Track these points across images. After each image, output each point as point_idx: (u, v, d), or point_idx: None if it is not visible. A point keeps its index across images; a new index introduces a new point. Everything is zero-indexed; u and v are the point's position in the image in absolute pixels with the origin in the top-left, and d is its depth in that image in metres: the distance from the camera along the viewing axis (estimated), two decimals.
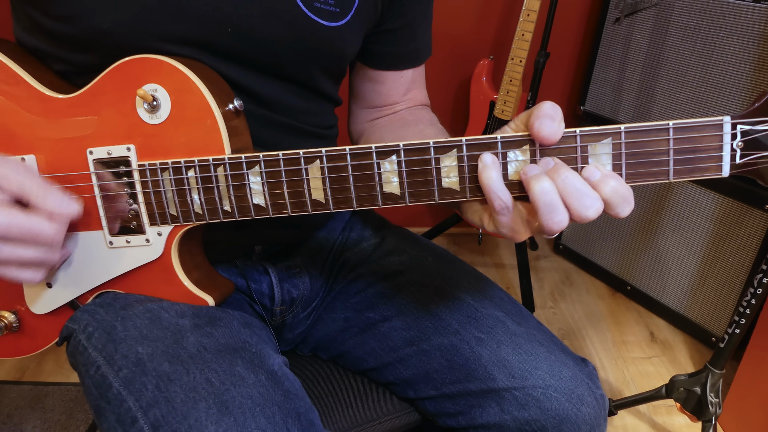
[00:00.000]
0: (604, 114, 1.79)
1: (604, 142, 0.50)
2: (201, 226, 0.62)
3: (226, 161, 0.57)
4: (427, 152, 0.53)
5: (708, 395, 1.19)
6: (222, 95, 0.59)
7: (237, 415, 0.53)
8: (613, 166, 0.50)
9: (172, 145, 0.59)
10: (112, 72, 0.59)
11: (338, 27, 0.66)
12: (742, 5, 1.38)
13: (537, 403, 0.64)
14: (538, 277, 1.99)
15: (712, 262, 1.58)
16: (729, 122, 0.48)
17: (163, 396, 0.54)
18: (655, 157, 0.50)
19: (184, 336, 0.59)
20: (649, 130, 0.49)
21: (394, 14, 0.73)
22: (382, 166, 0.54)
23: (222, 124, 0.58)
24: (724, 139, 0.49)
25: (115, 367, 0.58)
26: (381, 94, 0.81)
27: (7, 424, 1.34)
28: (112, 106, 0.59)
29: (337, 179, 0.55)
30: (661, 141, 0.49)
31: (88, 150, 0.60)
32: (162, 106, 0.58)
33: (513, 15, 1.84)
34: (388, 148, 0.53)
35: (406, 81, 0.81)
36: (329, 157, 0.55)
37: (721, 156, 0.49)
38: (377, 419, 0.74)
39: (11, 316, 0.67)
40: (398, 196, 0.55)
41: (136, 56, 0.58)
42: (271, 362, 0.61)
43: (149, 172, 0.59)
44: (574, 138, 0.50)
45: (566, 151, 0.51)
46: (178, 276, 0.63)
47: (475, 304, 0.72)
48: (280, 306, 0.77)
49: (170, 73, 0.57)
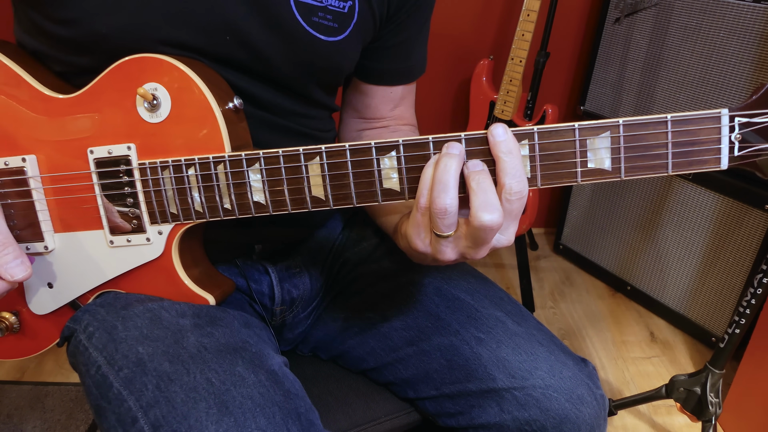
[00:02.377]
0: (604, 114, 1.79)
1: (602, 136, 0.50)
2: (201, 225, 0.62)
3: (226, 159, 0.57)
4: (426, 147, 0.53)
5: (708, 395, 1.19)
6: (222, 94, 0.59)
7: (237, 415, 0.53)
8: (612, 159, 0.50)
9: (172, 143, 0.59)
10: (112, 71, 0.59)
11: (336, 42, 0.66)
12: (742, 5, 1.38)
13: (537, 403, 0.64)
14: (538, 277, 1.99)
15: (712, 262, 1.58)
16: (727, 115, 0.48)
17: (164, 396, 0.54)
18: (654, 150, 0.50)
19: (185, 336, 0.60)
20: (647, 123, 0.49)
21: (390, 32, 0.74)
22: (382, 162, 0.54)
23: (222, 122, 0.58)
24: (723, 132, 0.48)
25: (115, 367, 0.58)
26: (369, 107, 0.82)
27: (7, 424, 1.34)
28: (112, 105, 0.59)
29: (337, 176, 0.55)
30: (659, 134, 0.49)
31: (89, 149, 0.60)
32: (162, 105, 0.58)
33: (513, 15, 1.84)
34: (388, 143, 0.54)
35: (395, 97, 0.81)
36: (329, 154, 0.55)
37: (719, 149, 0.49)
38: (377, 419, 0.74)
39: (12, 317, 0.67)
40: (398, 192, 0.55)
41: (135, 55, 0.58)
42: (272, 362, 0.61)
43: (149, 170, 0.59)
44: (573, 132, 0.50)
45: (565, 145, 0.51)
46: (178, 275, 0.63)
47: (475, 304, 0.72)
48: (281, 306, 0.77)
49: (170, 71, 0.58)
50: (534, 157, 0.51)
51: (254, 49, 0.62)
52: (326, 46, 0.66)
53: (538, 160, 0.51)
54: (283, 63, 0.64)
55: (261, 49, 0.62)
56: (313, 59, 0.66)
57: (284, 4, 0.62)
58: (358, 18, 0.67)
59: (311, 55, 0.65)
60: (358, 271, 0.79)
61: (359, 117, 0.84)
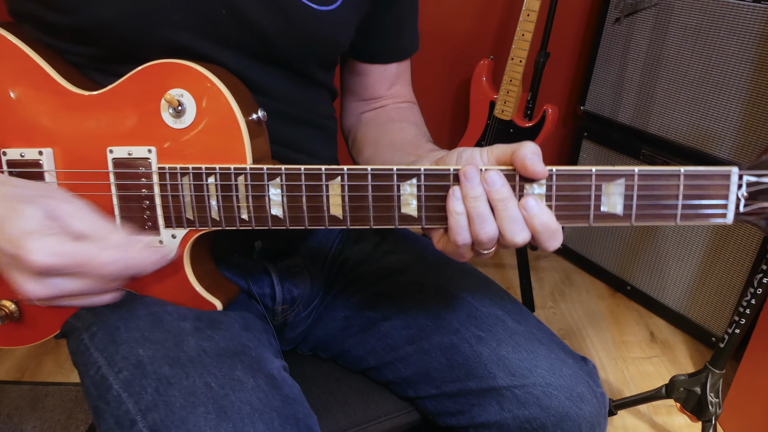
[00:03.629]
0: (604, 114, 1.79)
1: (617, 182, 0.52)
2: (214, 232, 0.62)
3: (247, 171, 0.57)
4: (447, 178, 0.53)
5: (708, 395, 1.19)
6: (247, 105, 0.59)
7: (235, 420, 0.53)
8: (625, 206, 0.52)
9: (193, 150, 0.59)
10: (138, 74, 0.59)
11: (330, 12, 0.66)
12: (742, 5, 1.38)
13: (537, 401, 0.64)
14: (538, 277, 1.99)
15: (712, 262, 1.58)
16: (737, 173, 0.50)
17: (162, 399, 0.54)
18: (665, 200, 0.52)
19: (185, 339, 0.59)
20: (661, 175, 0.51)
21: (383, 9, 0.74)
22: (402, 188, 0.55)
23: (246, 133, 0.58)
24: (731, 189, 0.51)
25: (115, 368, 0.58)
26: (366, 88, 0.83)
27: (7, 424, 1.34)
28: (135, 107, 0.59)
29: (357, 197, 0.56)
30: (671, 186, 0.51)
31: (108, 149, 0.60)
32: (187, 112, 0.58)
33: (513, 15, 1.84)
34: (410, 171, 0.54)
35: (390, 75, 0.83)
36: (350, 176, 0.55)
37: (726, 204, 0.51)
38: (377, 418, 0.74)
39: (12, 306, 0.67)
40: (415, 218, 0.56)
41: (162, 60, 0.58)
42: (271, 366, 0.61)
43: (169, 175, 0.59)
44: (590, 177, 0.52)
45: (581, 188, 0.52)
46: (188, 279, 0.63)
47: (475, 303, 0.72)
48: (282, 305, 0.77)
49: (197, 79, 0.58)
50: (550, 196, 0.53)
51: (250, 23, 0.62)
52: (321, 16, 0.65)
53: (554, 200, 0.53)
54: (279, 37, 0.64)
55: (256, 21, 0.62)
56: (308, 30, 0.66)
57: None
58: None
59: (306, 25, 0.65)
60: (358, 271, 0.79)
61: (359, 99, 0.85)
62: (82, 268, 0.51)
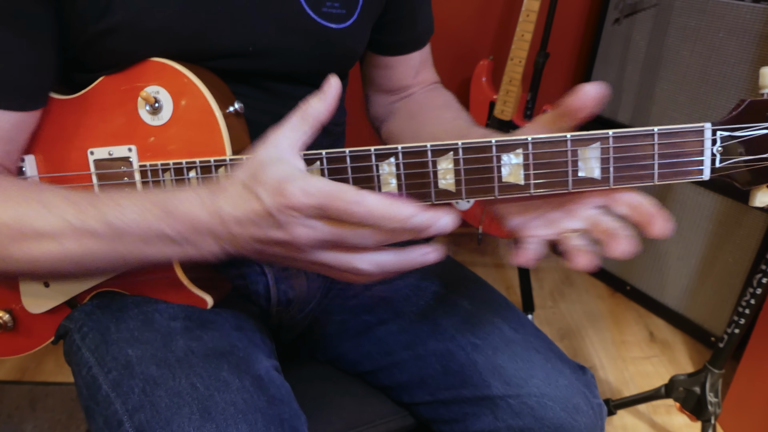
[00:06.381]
0: (603, 114, 1.78)
1: (593, 146, 0.52)
2: None
3: (227, 162, 0.57)
4: (425, 155, 0.54)
5: (707, 395, 1.19)
6: (223, 98, 0.60)
7: (219, 421, 0.53)
8: (602, 169, 0.52)
9: (173, 146, 0.59)
10: (114, 75, 0.59)
11: (347, 28, 0.67)
12: (742, 5, 1.38)
13: (532, 412, 0.63)
14: (538, 277, 1.99)
15: (712, 262, 1.58)
16: (710, 128, 0.50)
17: (149, 400, 0.54)
18: (641, 161, 0.52)
19: (174, 339, 0.60)
20: (635, 135, 0.51)
21: (396, 4, 0.75)
22: (381, 168, 0.55)
23: (223, 125, 0.58)
24: (705, 144, 0.51)
25: (105, 368, 0.58)
26: (392, 80, 0.83)
27: (7, 424, 1.34)
28: (113, 107, 0.60)
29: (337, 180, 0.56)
30: (646, 146, 0.51)
31: (89, 150, 0.60)
32: (164, 108, 0.58)
33: (513, 15, 1.84)
34: (387, 150, 0.54)
35: (415, 63, 0.82)
36: (329, 159, 0.55)
37: (702, 160, 0.51)
38: (371, 422, 0.73)
39: (6, 315, 0.67)
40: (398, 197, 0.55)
41: None
42: (258, 367, 0.61)
43: (150, 172, 0.59)
44: (565, 143, 0.52)
45: (557, 155, 0.52)
46: (177, 275, 0.63)
47: (473, 309, 0.72)
48: (277, 307, 0.77)
49: (173, 75, 0.58)
50: (528, 165, 0.53)
51: (274, 53, 0.63)
52: (338, 34, 0.66)
53: (532, 168, 0.53)
54: (302, 60, 0.65)
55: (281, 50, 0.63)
56: (328, 50, 0.67)
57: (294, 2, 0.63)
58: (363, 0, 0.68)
59: (326, 45, 0.66)
60: None
61: (385, 92, 0.84)
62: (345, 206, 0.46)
